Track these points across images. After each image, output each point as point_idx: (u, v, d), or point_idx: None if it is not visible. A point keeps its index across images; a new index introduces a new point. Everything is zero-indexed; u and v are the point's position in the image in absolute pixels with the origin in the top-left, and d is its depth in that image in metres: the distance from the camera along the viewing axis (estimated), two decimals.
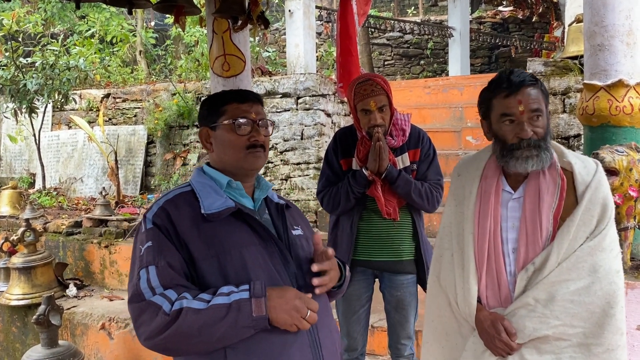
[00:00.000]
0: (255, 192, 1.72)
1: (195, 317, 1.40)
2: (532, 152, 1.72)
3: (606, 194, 1.78)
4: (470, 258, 1.82)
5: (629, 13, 3.27)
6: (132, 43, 8.97)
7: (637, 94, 3.26)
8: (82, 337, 4.50)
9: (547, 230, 1.75)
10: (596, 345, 1.71)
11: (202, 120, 1.71)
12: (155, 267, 1.48)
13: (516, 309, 1.75)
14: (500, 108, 1.76)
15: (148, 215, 1.58)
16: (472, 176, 1.90)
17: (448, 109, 6.83)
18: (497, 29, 11.96)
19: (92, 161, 7.24)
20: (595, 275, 1.70)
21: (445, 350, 1.93)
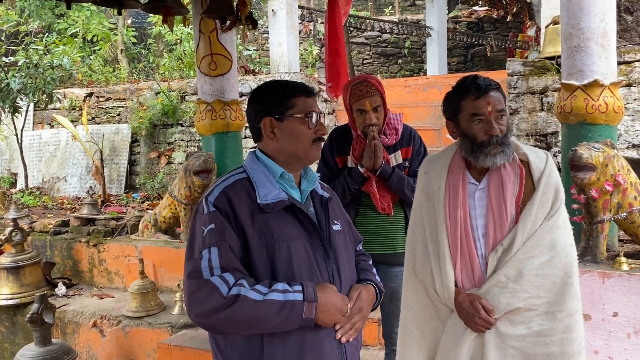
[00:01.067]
0: (302, 183, 1.79)
1: (250, 307, 1.49)
2: (499, 149, 1.92)
3: (557, 179, 2.00)
4: (445, 246, 1.99)
5: (604, 16, 3.43)
6: (114, 42, 8.92)
7: (611, 94, 3.43)
8: (73, 336, 4.53)
9: (511, 214, 1.95)
10: (559, 311, 1.93)
11: (265, 111, 1.71)
12: (217, 249, 1.55)
13: (490, 287, 1.94)
14: (470, 109, 1.94)
15: (210, 198, 1.64)
16: (438, 173, 2.07)
17: (428, 107, 6.99)
18: (472, 29, 12.18)
19: (76, 160, 7.21)
20: (554, 250, 1.93)
21: (425, 334, 2.10)
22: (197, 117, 4.89)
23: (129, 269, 4.87)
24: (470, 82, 1.95)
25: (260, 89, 1.77)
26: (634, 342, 3.09)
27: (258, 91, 1.77)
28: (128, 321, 4.28)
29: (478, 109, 1.92)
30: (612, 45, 3.49)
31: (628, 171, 3.29)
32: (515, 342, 1.93)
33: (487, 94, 1.92)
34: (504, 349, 1.93)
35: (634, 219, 3.28)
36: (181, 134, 6.96)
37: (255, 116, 1.73)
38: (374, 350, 3.63)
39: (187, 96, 7.00)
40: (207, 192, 1.68)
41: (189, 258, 1.60)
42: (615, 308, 3.12)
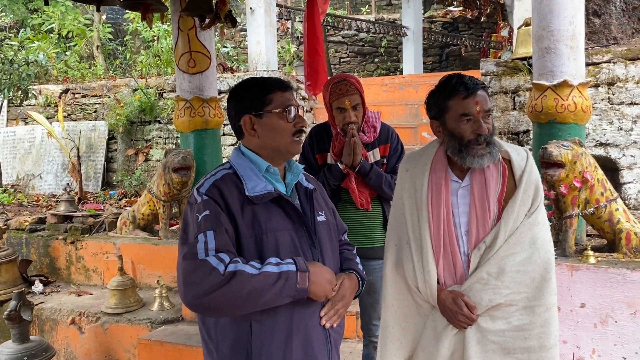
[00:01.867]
0: (287, 176, 1.85)
1: (247, 281, 1.55)
2: (486, 150, 1.92)
3: (537, 177, 2.03)
4: (428, 244, 1.99)
5: (573, 19, 3.55)
6: (89, 38, 8.82)
7: (579, 94, 3.56)
8: (51, 333, 4.50)
9: (494, 212, 1.96)
10: (538, 306, 1.97)
11: (244, 108, 1.76)
12: (213, 232, 1.60)
13: (472, 284, 1.96)
14: (458, 109, 1.94)
15: (201, 189, 1.69)
16: (420, 170, 2.07)
17: (404, 106, 7.10)
18: (447, 28, 12.34)
19: (51, 157, 7.12)
20: (534, 246, 1.96)
21: (405, 330, 2.12)
22: (175, 114, 4.90)
23: (108, 266, 4.86)
24: (457, 82, 1.95)
25: (237, 88, 1.81)
26: (600, 332, 3.23)
27: (236, 90, 1.81)
28: (107, 318, 4.28)
29: (467, 109, 1.92)
30: (580, 47, 3.61)
31: (595, 168, 3.42)
32: (495, 337, 1.96)
33: (475, 94, 1.93)
34: (485, 344, 1.96)
35: (601, 214, 3.41)
36: (159, 131, 6.94)
37: (235, 114, 1.78)
38: (352, 342, 3.70)
39: (164, 93, 6.98)
40: (197, 185, 1.72)
41: (184, 243, 1.64)
42: (583, 299, 3.25)
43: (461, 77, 1.97)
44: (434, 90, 2.05)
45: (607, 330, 3.21)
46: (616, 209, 3.42)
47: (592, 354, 3.25)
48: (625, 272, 3.16)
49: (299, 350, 1.68)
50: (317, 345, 1.72)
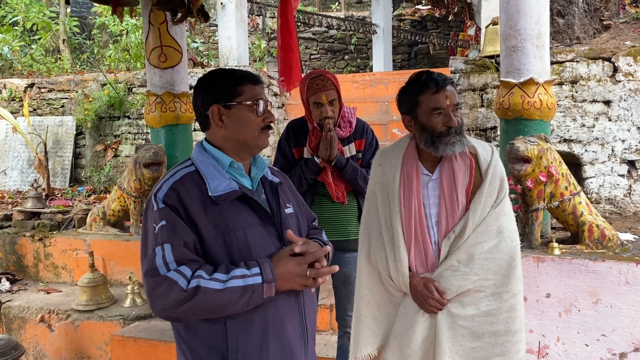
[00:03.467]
0: (252, 170, 1.80)
1: (212, 297, 1.52)
2: (457, 138, 2.03)
3: (502, 170, 2.15)
4: (399, 234, 2.08)
5: (538, 19, 3.66)
6: (55, 31, 8.62)
7: (545, 91, 3.68)
8: (19, 331, 4.42)
9: (462, 203, 2.06)
10: (505, 292, 2.07)
11: (212, 98, 1.71)
12: (170, 245, 1.55)
13: (443, 271, 2.05)
14: (430, 103, 2.03)
15: (158, 195, 1.63)
16: (393, 164, 2.16)
17: (375, 102, 7.18)
18: (416, 27, 12.49)
19: (17, 153, 6.95)
20: (501, 235, 2.07)
21: (378, 320, 2.20)
22: (146, 109, 4.86)
23: (77, 262, 4.79)
24: (427, 78, 2.04)
25: (207, 77, 1.76)
26: (565, 321, 3.36)
27: (205, 79, 1.76)
28: (78, 315, 4.23)
29: (437, 103, 2.01)
30: (546, 46, 3.73)
31: (560, 163, 3.55)
32: (465, 322, 2.05)
33: (445, 89, 2.01)
34: (455, 329, 2.05)
35: (565, 208, 3.54)
36: (128, 126, 6.85)
37: (203, 104, 1.72)
38: (326, 335, 3.75)
39: (134, 88, 6.89)
40: (155, 189, 1.66)
41: (144, 256, 1.61)
42: (548, 289, 3.38)
43: (431, 74, 2.06)
44: (404, 86, 2.13)
45: (570, 319, 3.35)
46: (579, 203, 3.56)
47: (556, 342, 3.38)
48: (587, 262, 3.30)
49: (276, 345, 1.67)
50: (294, 338, 1.72)
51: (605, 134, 4.75)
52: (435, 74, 2.06)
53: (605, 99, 4.75)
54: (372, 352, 2.21)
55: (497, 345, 2.07)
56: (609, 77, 4.74)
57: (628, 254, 3.41)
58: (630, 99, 4.68)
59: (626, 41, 5.03)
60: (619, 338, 3.27)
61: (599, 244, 3.47)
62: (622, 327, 3.26)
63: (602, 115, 4.76)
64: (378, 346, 2.22)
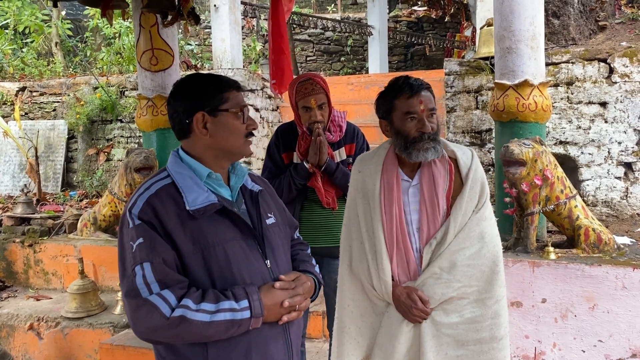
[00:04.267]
0: (232, 179, 1.74)
1: (197, 329, 1.47)
2: (431, 145, 1.99)
3: (482, 174, 2.11)
4: (381, 242, 2.04)
5: (533, 20, 3.63)
6: (48, 34, 8.55)
7: (540, 93, 3.64)
8: (7, 339, 4.35)
9: (443, 208, 2.03)
10: (488, 298, 2.04)
11: (197, 105, 1.63)
12: (150, 264, 1.49)
13: (425, 279, 2.01)
14: (403, 107, 2.01)
15: (133, 210, 1.55)
16: (372, 171, 2.13)
17: (370, 105, 6.96)
18: (412, 28, 12.46)
19: (8, 157, 6.89)
20: (483, 241, 2.03)
21: (362, 330, 2.16)
22: (137, 112, 4.80)
23: (68, 269, 4.73)
24: (403, 82, 2.03)
25: (187, 83, 1.68)
26: (561, 326, 3.31)
27: (185, 85, 1.68)
28: (67, 322, 4.17)
29: (411, 107, 1.99)
30: (540, 47, 3.69)
31: (555, 166, 3.50)
32: (449, 329, 2.02)
33: (419, 94, 1.99)
34: (439, 337, 2.01)
35: (561, 211, 3.50)
36: (121, 130, 6.79)
37: (184, 111, 1.64)
38: (318, 342, 3.70)
39: (126, 91, 6.84)
40: (129, 204, 1.58)
41: (123, 276, 1.54)
42: (544, 295, 3.33)
43: (407, 78, 2.04)
44: (382, 91, 2.12)
45: (567, 325, 3.30)
46: (575, 206, 3.51)
47: (552, 348, 3.33)
48: (584, 267, 3.25)
49: None
50: (278, 355, 1.66)
51: (601, 136, 4.70)
52: (412, 79, 2.04)
53: (601, 101, 4.70)
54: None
55: (482, 352, 2.04)
56: (604, 78, 4.70)
57: (625, 258, 3.36)
58: (626, 101, 4.63)
59: (622, 42, 4.98)
60: (616, 344, 3.22)
61: (596, 248, 3.43)
62: (619, 333, 3.22)
63: (598, 116, 4.72)
64: (362, 357, 2.17)
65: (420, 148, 1.99)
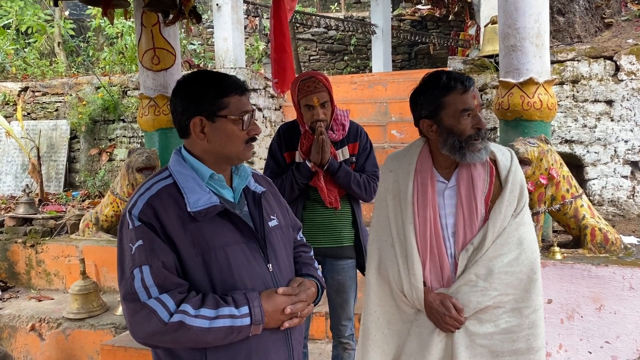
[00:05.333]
0: (234, 180, 1.69)
1: (195, 335, 1.45)
2: (483, 145, 1.90)
3: (522, 177, 2.01)
4: (413, 246, 1.94)
5: (538, 17, 3.58)
6: (50, 34, 8.54)
7: (545, 91, 3.59)
8: (9, 340, 4.34)
9: (481, 212, 1.92)
10: (525, 307, 1.93)
11: (195, 109, 1.59)
12: (149, 267, 1.46)
13: (460, 286, 1.91)
14: (458, 105, 1.87)
15: (134, 211, 1.52)
16: (405, 171, 2.01)
17: (374, 104, 7.08)
18: (416, 27, 12.42)
19: (10, 158, 6.88)
20: (521, 247, 1.92)
21: (388, 338, 2.06)
22: (139, 112, 4.78)
23: (70, 269, 4.71)
24: (453, 79, 1.90)
25: (188, 83, 1.63)
26: (567, 327, 3.27)
27: (186, 85, 1.63)
28: (69, 323, 4.15)
29: (467, 104, 1.88)
30: (545, 45, 3.64)
31: (561, 165, 3.46)
32: (484, 340, 1.92)
33: (472, 89, 1.90)
34: (473, 348, 1.92)
35: (567, 211, 3.45)
36: (123, 130, 6.77)
37: (183, 112, 1.60)
38: (321, 343, 3.66)
39: (129, 91, 6.82)
40: (129, 204, 1.55)
41: (121, 279, 1.51)
42: (550, 295, 3.28)
43: (451, 73, 1.92)
44: (422, 88, 1.97)
45: (573, 326, 3.25)
46: (581, 205, 3.47)
47: (559, 349, 3.29)
48: (590, 267, 3.21)
49: None
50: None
51: (607, 135, 4.65)
52: (455, 74, 1.91)
53: (608, 99, 4.65)
54: None
55: None
56: (611, 76, 4.65)
57: (632, 258, 3.32)
58: (633, 99, 4.58)
59: (628, 39, 4.93)
60: (623, 345, 3.18)
61: (602, 248, 3.38)
62: (626, 334, 3.17)
63: (604, 115, 4.66)
64: None
65: (475, 149, 1.88)
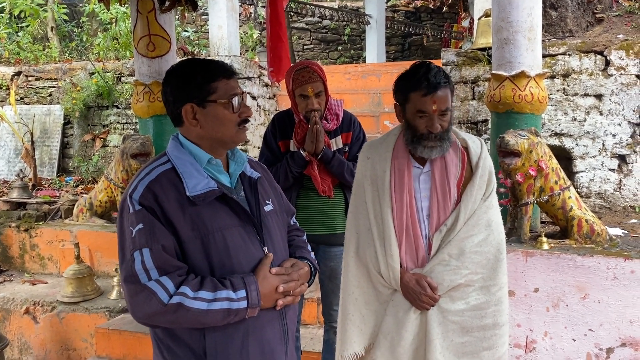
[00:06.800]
0: (231, 166, 1.74)
1: (193, 316, 1.50)
2: (437, 143, 2.00)
3: (491, 163, 2.14)
4: (390, 228, 2.05)
5: (531, 11, 3.63)
6: (43, 18, 8.48)
7: (536, 84, 3.65)
8: (3, 323, 4.37)
9: (454, 196, 2.05)
10: (493, 285, 2.08)
11: (184, 97, 1.62)
12: (149, 250, 1.50)
13: (434, 265, 2.03)
14: (416, 104, 1.99)
15: (134, 195, 1.56)
16: (382, 157, 2.12)
17: (367, 94, 7.12)
18: (410, 18, 12.41)
19: (3, 142, 6.86)
20: (490, 228, 2.07)
21: (366, 317, 2.16)
22: (134, 99, 4.80)
23: (64, 254, 4.74)
24: (422, 76, 1.97)
25: (176, 71, 1.66)
26: (552, 315, 3.35)
27: (174, 73, 1.66)
28: (63, 307, 4.19)
29: (423, 106, 1.97)
30: (537, 39, 3.69)
31: (550, 157, 3.53)
32: (455, 317, 2.04)
33: (435, 93, 1.96)
34: (446, 325, 2.04)
35: (555, 202, 3.53)
36: (117, 116, 6.77)
37: (174, 101, 1.64)
38: (313, 328, 3.73)
39: (123, 77, 6.81)
40: (130, 189, 1.59)
41: (122, 261, 1.56)
42: (536, 284, 3.36)
43: (428, 71, 1.98)
44: (403, 74, 2.07)
45: (558, 314, 3.34)
46: (569, 197, 3.54)
47: (544, 337, 3.37)
48: (576, 257, 3.29)
49: (256, 348, 1.64)
50: (274, 340, 1.69)
51: (596, 128, 4.73)
52: (432, 73, 1.98)
53: (597, 93, 4.72)
54: (359, 351, 2.17)
55: (485, 339, 2.07)
56: (601, 70, 4.72)
57: (617, 249, 3.40)
58: (621, 93, 4.65)
59: (619, 34, 4.99)
60: (606, 333, 3.27)
61: (588, 239, 3.46)
62: (609, 322, 3.26)
63: (594, 109, 4.74)
64: (365, 345, 2.18)
65: (426, 145, 2.00)
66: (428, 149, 2.00)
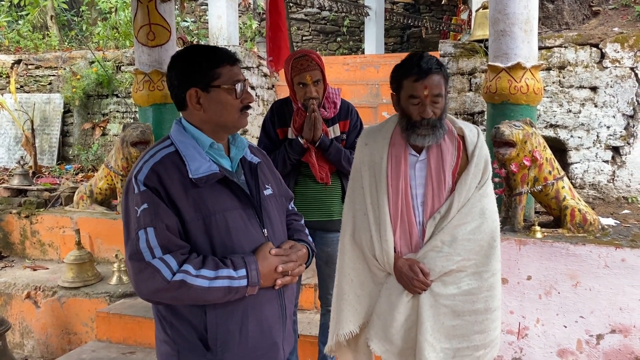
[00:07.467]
0: (232, 150, 1.79)
1: (195, 293, 1.56)
2: (429, 131, 2.04)
3: (487, 152, 2.18)
4: (386, 213, 2.11)
5: (527, 3, 3.67)
6: (43, 7, 8.49)
7: (532, 76, 3.70)
8: (5, 307, 4.44)
9: (449, 184, 2.09)
10: (485, 271, 2.13)
11: (189, 81, 1.67)
12: (154, 229, 1.56)
13: (427, 251, 2.09)
14: (409, 90, 2.04)
15: (139, 177, 1.61)
16: (380, 144, 2.16)
17: (365, 85, 7.16)
18: (409, 10, 12.39)
19: (3, 130, 6.90)
20: (483, 216, 2.11)
21: (360, 298, 2.24)
22: (134, 87, 4.83)
23: (64, 240, 4.80)
24: (414, 63, 2.02)
25: (182, 56, 1.71)
26: (544, 302, 3.42)
27: (180, 58, 1.71)
28: (64, 292, 4.25)
29: (415, 91, 2.01)
30: (534, 31, 3.74)
31: (544, 148, 3.58)
32: (447, 300, 2.10)
33: (427, 78, 1.99)
34: (437, 308, 2.09)
35: (548, 192, 3.59)
36: (116, 105, 6.80)
37: (179, 85, 1.69)
38: (310, 313, 3.80)
39: (123, 66, 6.83)
40: (135, 170, 1.64)
41: (127, 240, 1.61)
42: (529, 272, 3.43)
43: (420, 59, 2.03)
44: (397, 64, 2.13)
45: (550, 301, 3.41)
46: (562, 187, 3.60)
47: (536, 323, 3.44)
48: (568, 246, 3.35)
49: (255, 325, 1.70)
50: (273, 318, 1.75)
51: (590, 120, 4.78)
52: (424, 60, 2.03)
53: (592, 85, 4.77)
54: (354, 330, 2.24)
55: (476, 323, 2.13)
56: (596, 63, 4.76)
57: (608, 238, 3.47)
58: (616, 86, 4.71)
59: (614, 27, 5.04)
60: (597, 320, 3.34)
61: (581, 228, 3.53)
62: (600, 310, 3.33)
63: (589, 101, 4.79)
64: (360, 324, 2.25)
65: (419, 133, 2.04)
66: (421, 137, 2.04)
